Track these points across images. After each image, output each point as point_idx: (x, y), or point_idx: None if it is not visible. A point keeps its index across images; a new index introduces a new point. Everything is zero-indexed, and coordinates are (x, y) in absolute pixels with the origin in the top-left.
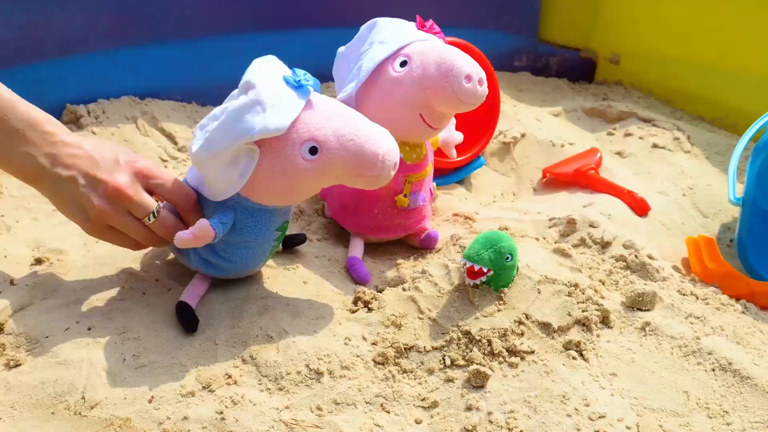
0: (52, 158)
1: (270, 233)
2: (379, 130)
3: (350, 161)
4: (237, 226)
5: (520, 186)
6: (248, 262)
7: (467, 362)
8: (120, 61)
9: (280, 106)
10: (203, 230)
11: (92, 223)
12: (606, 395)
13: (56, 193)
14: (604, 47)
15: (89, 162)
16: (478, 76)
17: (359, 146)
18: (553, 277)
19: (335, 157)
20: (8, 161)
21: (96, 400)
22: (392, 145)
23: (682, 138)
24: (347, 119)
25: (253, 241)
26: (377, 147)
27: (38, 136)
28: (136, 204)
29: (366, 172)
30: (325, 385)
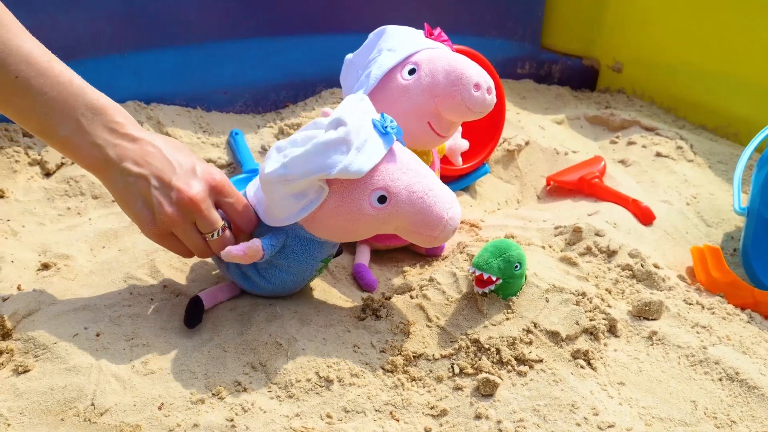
0: (121, 151)
1: (315, 263)
2: (449, 193)
3: (415, 218)
4: (285, 250)
5: (524, 194)
6: (286, 286)
7: (476, 370)
8: (125, 67)
9: (365, 149)
10: (254, 250)
11: (157, 227)
12: (614, 404)
13: (122, 187)
14: (607, 55)
15: (164, 164)
16: (486, 85)
17: (428, 206)
18: (560, 286)
19: (402, 211)
20: (74, 149)
21: (105, 406)
22: (458, 211)
23: (685, 147)
24: (422, 176)
25: (296, 268)
26: (444, 210)
27: (104, 126)
28: (205, 219)
29: (426, 232)
30: (335, 393)
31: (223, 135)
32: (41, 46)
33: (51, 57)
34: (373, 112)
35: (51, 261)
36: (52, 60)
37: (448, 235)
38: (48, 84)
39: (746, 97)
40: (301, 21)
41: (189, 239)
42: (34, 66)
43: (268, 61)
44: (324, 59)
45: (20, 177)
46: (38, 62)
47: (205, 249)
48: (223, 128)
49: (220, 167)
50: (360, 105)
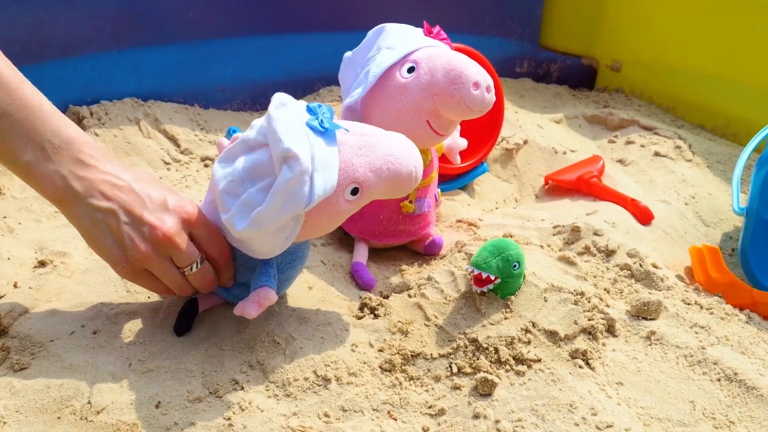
0: (87, 184)
1: (302, 263)
2: (403, 145)
3: (389, 187)
4: (279, 267)
5: (523, 192)
6: (281, 291)
7: (474, 370)
8: (123, 63)
9: (322, 164)
10: (269, 300)
11: (130, 265)
12: (613, 404)
13: (90, 224)
14: (606, 55)
15: (134, 198)
16: (486, 84)
17: (395, 173)
18: (559, 285)
19: (375, 190)
20: (37, 177)
21: (102, 405)
22: (418, 155)
23: (684, 146)
24: (376, 147)
25: (289, 274)
26: (409, 165)
27: (71, 156)
28: (182, 253)
29: (404, 190)
30: (333, 392)
31: (220, 132)
32: (13, 67)
33: (22, 79)
34: (299, 108)
35: (47, 258)
36: (23, 82)
37: (418, 181)
38: (15, 106)
39: (745, 98)
40: (301, 19)
41: (166, 276)
42: (2, 86)
43: (267, 59)
44: (323, 57)
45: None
46: (7, 83)
47: (185, 285)
48: (221, 126)
49: None
50: (287, 116)
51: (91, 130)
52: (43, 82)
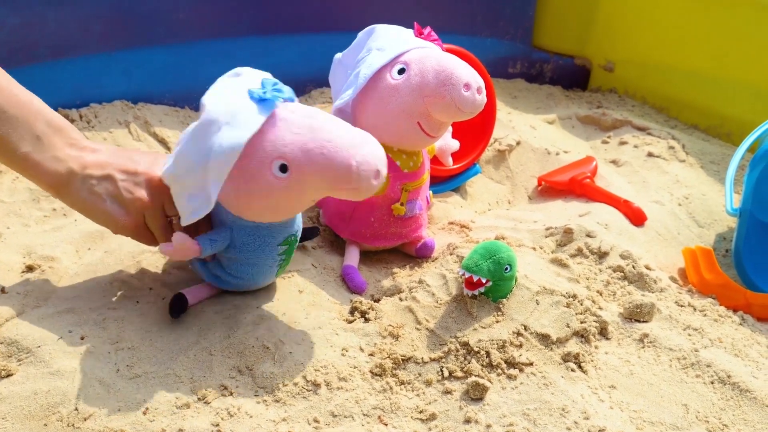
0: (81, 162)
1: (272, 249)
2: (355, 138)
3: (324, 175)
4: (236, 244)
5: (515, 194)
6: (256, 278)
7: (465, 374)
8: (113, 66)
9: (236, 123)
10: (181, 244)
11: (131, 217)
12: (605, 408)
13: (87, 194)
14: (599, 55)
15: (123, 160)
16: (476, 85)
17: (329, 159)
18: (551, 288)
19: (307, 173)
20: (36, 165)
21: (89, 411)
22: (369, 152)
23: (677, 147)
24: (317, 131)
25: (255, 258)
26: (350, 157)
27: (65, 142)
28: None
29: (343, 185)
30: (322, 397)
31: None
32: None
33: (10, 79)
34: (255, 81)
35: (36, 263)
36: (11, 82)
37: (368, 182)
38: (7, 103)
39: (739, 97)
40: (292, 20)
41: (156, 222)
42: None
43: (257, 60)
44: (314, 58)
45: (5, 178)
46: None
47: (168, 236)
48: None
49: None
50: (230, 81)
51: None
52: (31, 85)
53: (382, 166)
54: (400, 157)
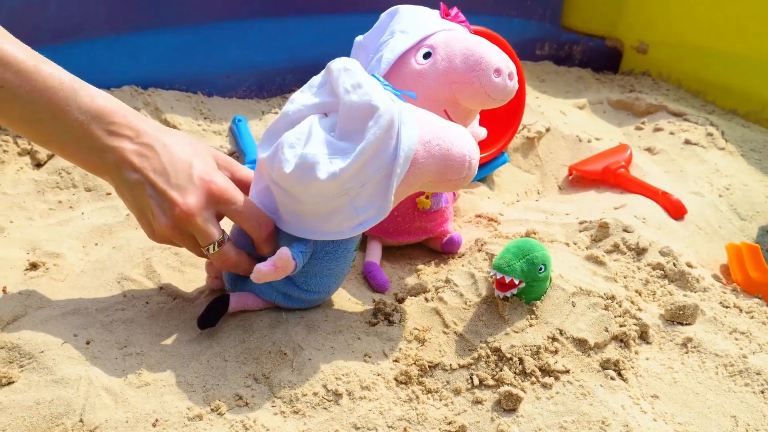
0: (119, 155)
1: (351, 256)
2: (460, 129)
3: (439, 167)
4: (317, 254)
5: (545, 184)
6: (330, 289)
7: (497, 382)
8: (120, 49)
9: (408, 121)
10: (285, 262)
11: (155, 236)
12: (648, 420)
13: (123, 193)
14: (631, 36)
15: (160, 170)
16: (508, 70)
17: (446, 150)
18: (588, 289)
19: (424, 166)
20: (73, 155)
21: (95, 423)
22: (474, 143)
23: (716, 134)
24: (428, 123)
25: (336, 268)
26: (463, 149)
27: (104, 129)
28: (200, 232)
29: (454, 176)
30: (344, 408)
31: (225, 122)
32: (24, 46)
33: (37, 58)
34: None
35: (39, 260)
36: (38, 62)
37: (474, 171)
38: (37, 91)
39: None
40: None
41: (191, 249)
42: (19, 72)
43: (272, 43)
44: (332, 41)
45: (9, 168)
46: (23, 67)
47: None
48: (225, 114)
49: None
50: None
51: None
52: None
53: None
54: None
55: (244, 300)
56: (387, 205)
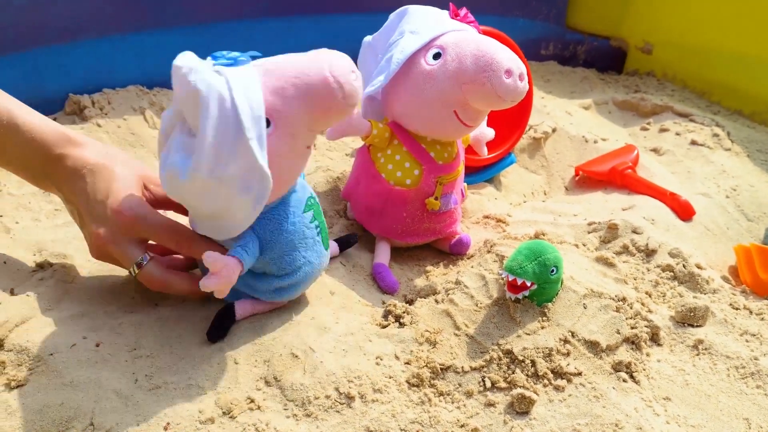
0: (59, 180)
1: (299, 218)
2: (314, 55)
3: (306, 105)
4: (266, 236)
5: (552, 184)
6: (312, 259)
7: (509, 385)
8: (126, 48)
9: (237, 85)
10: (218, 264)
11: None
12: (661, 423)
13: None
14: (636, 36)
15: (84, 203)
16: (518, 71)
17: (302, 85)
18: (599, 291)
19: (290, 113)
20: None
21: (106, 426)
22: (335, 56)
23: (722, 134)
24: (278, 70)
25: (295, 236)
26: (321, 71)
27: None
28: (119, 257)
29: (328, 103)
30: (357, 411)
31: None
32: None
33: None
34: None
35: (47, 261)
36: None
37: (348, 87)
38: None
39: None
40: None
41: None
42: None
43: (277, 43)
44: (338, 41)
45: None
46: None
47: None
48: None
49: None
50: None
51: (93, 121)
52: (39, 70)
53: (348, 73)
54: (434, 148)
55: (248, 306)
56: (264, 172)
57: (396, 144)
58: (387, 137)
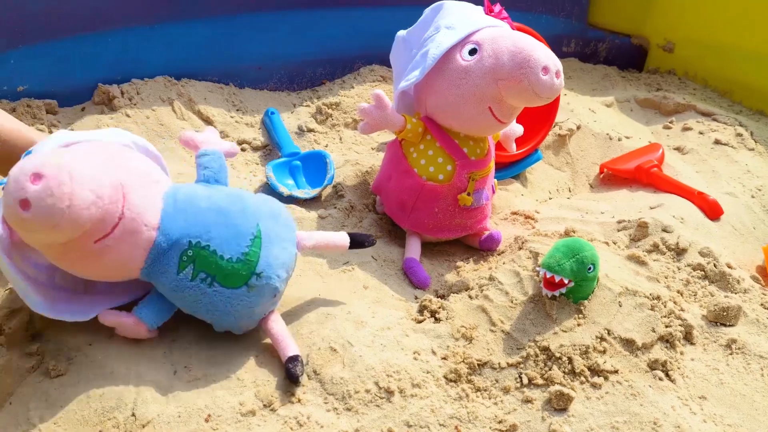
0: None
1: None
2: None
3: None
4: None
5: (576, 181)
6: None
7: (546, 382)
8: (154, 39)
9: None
10: (119, 323)
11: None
12: (698, 422)
13: None
14: (658, 34)
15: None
16: (555, 68)
17: None
18: (633, 289)
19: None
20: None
21: (147, 417)
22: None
23: (745, 134)
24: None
25: (185, 297)
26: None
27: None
28: None
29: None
30: (396, 405)
31: (257, 114)
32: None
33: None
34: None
35: None
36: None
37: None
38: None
39: None
40: None
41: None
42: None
43: (304, 35)
44: (363, 34)
45: None
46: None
47: None
48: (257, 106)
49: (255, 149)
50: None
51: (122, 111)
52: (68, 59)
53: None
54: (467, 144)
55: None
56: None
57: (429, 139)
58: (420, 132)
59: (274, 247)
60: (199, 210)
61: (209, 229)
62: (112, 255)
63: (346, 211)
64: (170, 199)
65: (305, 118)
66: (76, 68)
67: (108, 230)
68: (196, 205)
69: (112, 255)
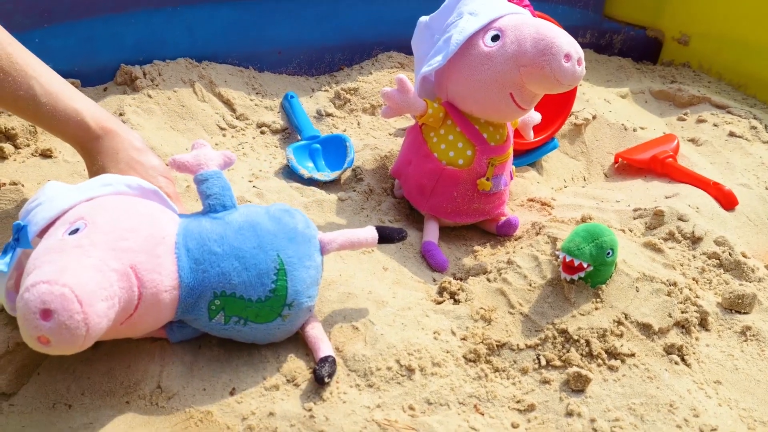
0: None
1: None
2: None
3: None
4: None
5: (591, 171)
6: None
7: (564, 363)
8: (177, 21)
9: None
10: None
11: None
12: (713, 405)
13: None
14: (673, 27)
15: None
16: (577, 56)
17: None
18: (650, 275)
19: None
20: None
21: (173, 390)
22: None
23: (759, 127)
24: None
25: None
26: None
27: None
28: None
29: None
30: (417, 383)
31: (276, 97)
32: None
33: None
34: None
35: None
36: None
37: None
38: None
39: None
40: None
41: None
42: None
43: (325, 21)
44: (382, 21)
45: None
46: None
47: None
48: (276, 90)
49: (274, 132)
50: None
51: (145, 92)
52: (93, 39)
53: None
54: (487, 130)
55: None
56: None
57: (449, 124)
58: (441, 117)
59: (299, 272)
60: (215, 257)
61: (231, 278)
62: (140, 326)
63: (365, 194)
64: (182, 250)
65: (324, 103)
66: (100, 48)
67: (131, 312)
68: (211, 251)
69: (140, 326)
